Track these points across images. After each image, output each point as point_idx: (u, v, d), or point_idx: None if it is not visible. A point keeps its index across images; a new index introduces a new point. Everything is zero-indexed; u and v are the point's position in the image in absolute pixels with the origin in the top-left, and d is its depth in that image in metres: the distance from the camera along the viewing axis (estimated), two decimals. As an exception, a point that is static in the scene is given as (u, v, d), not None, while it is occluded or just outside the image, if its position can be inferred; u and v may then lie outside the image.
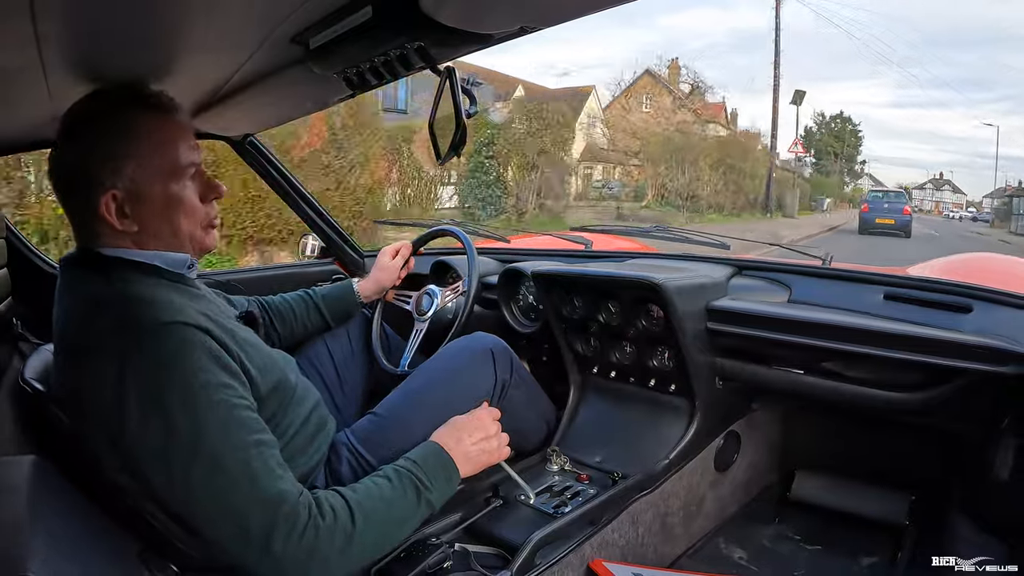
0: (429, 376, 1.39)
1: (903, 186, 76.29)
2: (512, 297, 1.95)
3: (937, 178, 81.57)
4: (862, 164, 59.69)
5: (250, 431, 0.91)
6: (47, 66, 0.90)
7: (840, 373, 1.43)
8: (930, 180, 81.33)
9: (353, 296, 1.64)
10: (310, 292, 1.61)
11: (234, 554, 0.88)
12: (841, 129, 56.06)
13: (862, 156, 59.56)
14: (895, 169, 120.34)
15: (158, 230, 0.99)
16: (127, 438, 0.86)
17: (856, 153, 57.99)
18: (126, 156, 0.94)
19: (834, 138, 55.08)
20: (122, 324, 0.89)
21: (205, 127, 1.57)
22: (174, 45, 0.92)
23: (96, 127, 0.94)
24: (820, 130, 56.82)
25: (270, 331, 1.51)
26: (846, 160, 56.09)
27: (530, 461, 1.52)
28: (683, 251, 1.96)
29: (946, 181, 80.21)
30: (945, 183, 79.29)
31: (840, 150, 55.02)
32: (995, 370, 1.21)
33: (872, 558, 1.61)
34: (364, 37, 0.85)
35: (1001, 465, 1.28)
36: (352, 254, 2.26)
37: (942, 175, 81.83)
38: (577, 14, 0.85)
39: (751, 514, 1.83)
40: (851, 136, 56.41)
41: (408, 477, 1.03)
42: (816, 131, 56.51)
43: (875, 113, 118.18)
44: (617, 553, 1.38)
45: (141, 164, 0.95)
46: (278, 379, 1.06)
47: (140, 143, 0.95)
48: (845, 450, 1.89)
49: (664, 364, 1.60)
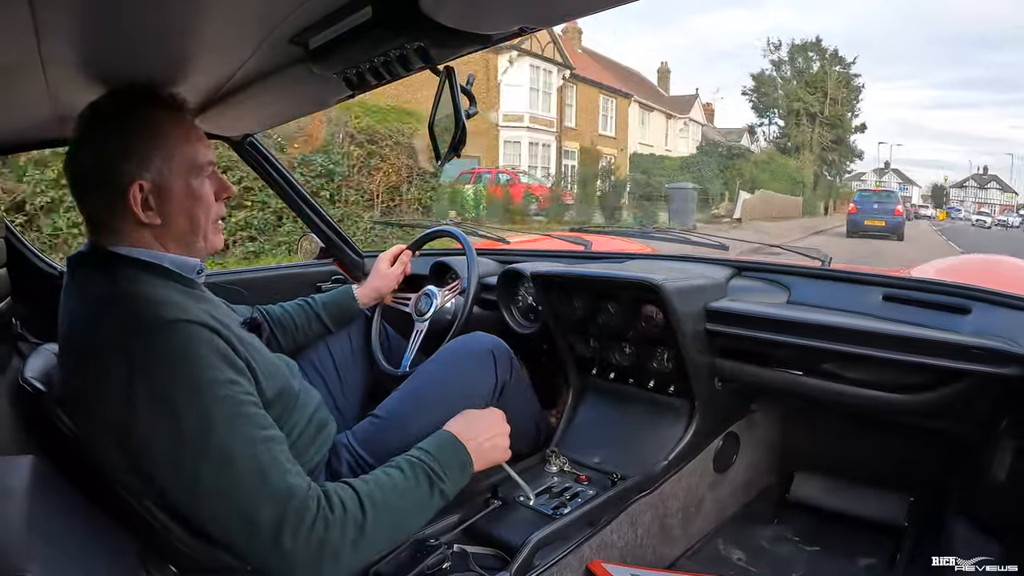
0: (429, 377, 1.39)
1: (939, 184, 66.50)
2: (511, 298, 1.95)
3: (980, 174, 69.41)
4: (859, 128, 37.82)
5: (258, 426, 0.91)
6: (46, 65, 0.90)
7: (839, 374, 1.43)
8: (972, 176, 69.92)
9: (353, 303, 1.64)
10: (310, 301, 1.61)
11: (244, 550, 0.88)
12: (821, 72, 35.01)
13: (860, 118, 38.08)
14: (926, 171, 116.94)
15: (178, 224, 1.01)
16: (135, 436, 0.86)
17: (850, 113, 36.80)
18: (153, 149, 0.97)
19: (806, 86, 35.00)
20: (129, 323, 0.89)
21: (205, 127, 1.56)
22: (174, 45, 0.93)
23: (120, 123, 0.97)
24: (779, 72, 36.11)
25: (271, 340, 1.51)
26: (829, 125, 35.31)
27: (529, 462, 1.52)
28: (682, 252, 1.96)
29: (992, 177, 68.61)
30: (991, 179, 68.78)
31: (819, 107, 34.77)
32: (995, 371, 1.21)
33: (871, 559, 1.61)
34: (364, 37, 0.85)
35: (999, 467, 1.28)
36: (351, 254, 2.26)
37: (986, 169, 70.96)
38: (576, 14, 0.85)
39: (750, 515, 1.83)
40: (840, 84, 35.32)
41: (421, 467, 1.03)
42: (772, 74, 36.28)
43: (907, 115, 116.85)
44: (616, 554, 1.38)
45: (167, 158, 0.98)
46: (282, 386, 1.07)
47: (164, 139, 0.98)
48: (844, 451, 1.89)
49: (663, 365, 1.60)
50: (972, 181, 67.95)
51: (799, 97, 34.73)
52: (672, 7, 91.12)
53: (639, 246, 2.54)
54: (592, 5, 0.79)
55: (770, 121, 37.29)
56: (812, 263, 1.74)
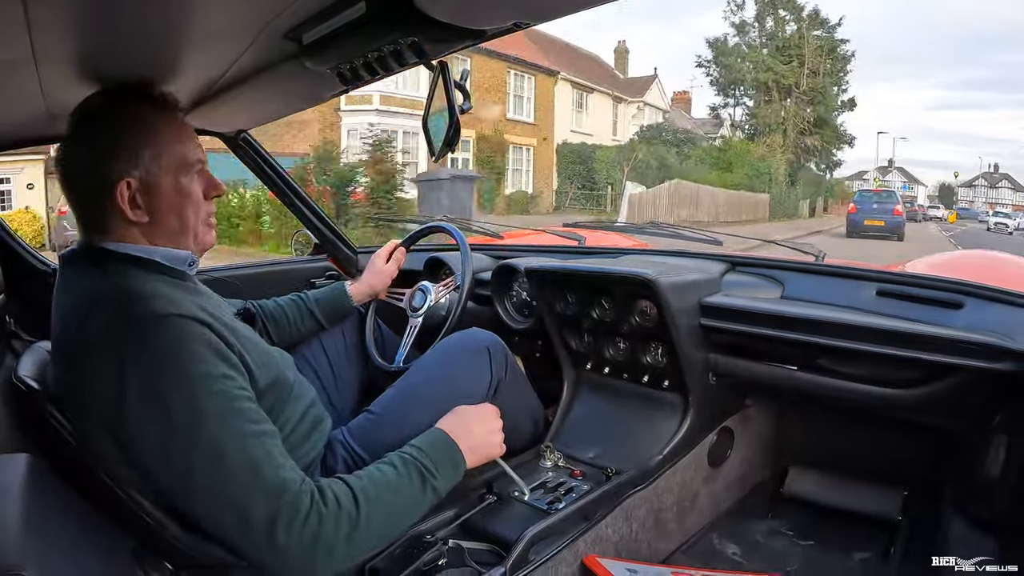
0: (425, 373, 1.39)
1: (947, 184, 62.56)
2: (505, 293, 1.95)
3: (991, 172, 64.63)
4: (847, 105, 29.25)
5: (251, 421, 0.91)
6: (39, 62, 0.90)
7: (833, 369, 1.43)
8: (982, 175, 64.88)
9: (346, 299, 1.64)
10: (303, 296, 1.61)
11: (237, 545, 0.88)
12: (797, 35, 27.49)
13: (850, 92, 29.75)
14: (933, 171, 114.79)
15: (167, 222, 1.01)
16: (128, 431, 0.86)
17: (836, 87, 28.74)
18: (141, 147, 0.97)
19: (777, 52, 27.51)
20: (121, 318, 0.89)
21: (199, 123, 1.56)
22: (167, 41, 0.93)
23: (109, 120, 0.97)
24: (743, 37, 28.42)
25: (263, 335, 1.51)
26: (807, 101, 27.70)
27: (524, 457, 1.52)
28: (676, 247, 1.97)
29: (1003, 175, 63.78)
30: (1002, 177, 63.74)
31: (795, 79, 27.14)
32: (988, 367, 1.21)
33: (865, 553, 1.62)
34: (358, 32, 0.86)
35: (992, 462, 1.29)
36: (345, 250, 2.26)
37: (997, 167, 66.11)
38: (570, 10, 0.85)
39: (744, 510, 1.83)
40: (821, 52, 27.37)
41: (414, 464, 1.02)
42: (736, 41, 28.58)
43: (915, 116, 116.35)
44: (611, 549, 1.38)
45: (156, 155, 0.98)
46: (276, 375, 1.07)
47: (153, 136, 0.98)
48: (838, 446, 1.89)
49: (657, 360, 1.60)
50: (982, 180, 63.33)
51: (768, 67, 27.23)
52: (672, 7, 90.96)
53: (633, 241, 2.54)
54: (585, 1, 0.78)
55: (736, 101, 30.22)
56: (806, 258, 1.75)
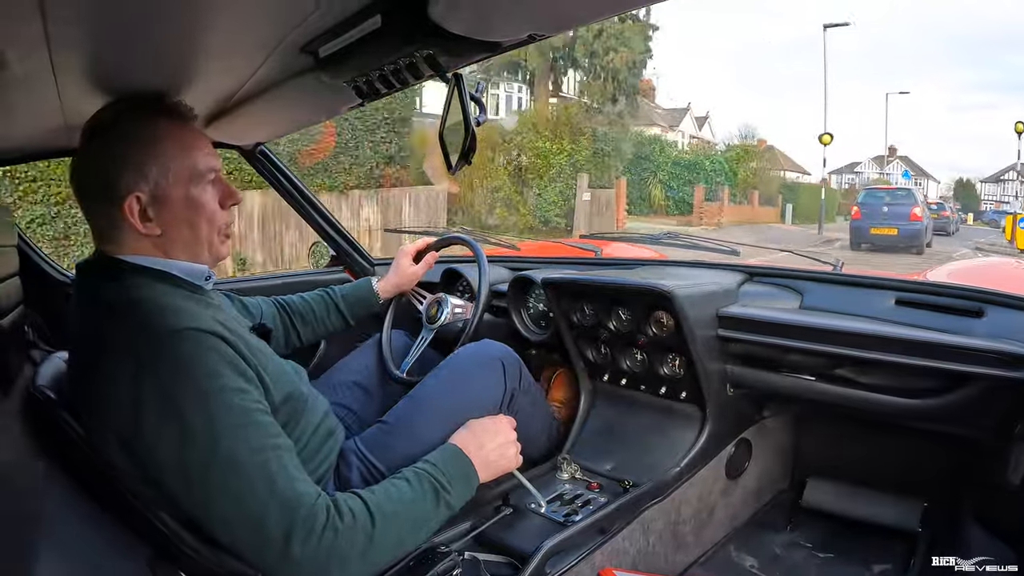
0: (439, 384, 1.39)
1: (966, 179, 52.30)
2: (522, 305, 1.94)
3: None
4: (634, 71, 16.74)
5: (267, 435, 0.91)
6: (58, 75, 0.91)
7: (852, 379, 1.42)
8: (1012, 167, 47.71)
9: (373, 295, 1.64)
10: (330, 291, 1.61)
11: (253, 558, 0.87)
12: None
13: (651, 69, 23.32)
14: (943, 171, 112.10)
15: (180, 234, 1.00)
16: (144, 443, 0.87)
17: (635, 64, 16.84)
18: (149, 160, 0.96)
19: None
20: (137, 330, 0.90)
21: (216, 136, 1.58)
22: (185, 55, 0.93)
23: (119, 133, 0.97)
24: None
25: (290, 331, 1.52)
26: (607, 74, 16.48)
27: (540, 469, 1.51)
28: (693, 258, 1.96)
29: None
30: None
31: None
32: (1009, 375, 1.19)
33: (884, 565, 1.60)
34: (373, 46, 0.86)
35: (1013, 471, 1.27)
36: (362, 262, 2.27)
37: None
38: (586, 20, 0.85)
39: (763, 522, 1.81)
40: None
41: (427, 479, 1.02)
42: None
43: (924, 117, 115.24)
44: (628, 561, 1.37)
45: (164, 168, 0.97)
46: (290, 390, 1.07)
47: (162, 148, 0.98)
48: (857, 457, 1.87)
49: (675, 371, 1.59)
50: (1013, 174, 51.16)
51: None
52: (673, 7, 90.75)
53: (649, 252, 2.53)
54: (602, 10, 0.79)
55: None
56: (824, 268, 1.73)
